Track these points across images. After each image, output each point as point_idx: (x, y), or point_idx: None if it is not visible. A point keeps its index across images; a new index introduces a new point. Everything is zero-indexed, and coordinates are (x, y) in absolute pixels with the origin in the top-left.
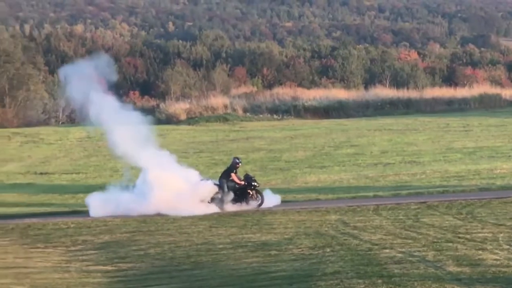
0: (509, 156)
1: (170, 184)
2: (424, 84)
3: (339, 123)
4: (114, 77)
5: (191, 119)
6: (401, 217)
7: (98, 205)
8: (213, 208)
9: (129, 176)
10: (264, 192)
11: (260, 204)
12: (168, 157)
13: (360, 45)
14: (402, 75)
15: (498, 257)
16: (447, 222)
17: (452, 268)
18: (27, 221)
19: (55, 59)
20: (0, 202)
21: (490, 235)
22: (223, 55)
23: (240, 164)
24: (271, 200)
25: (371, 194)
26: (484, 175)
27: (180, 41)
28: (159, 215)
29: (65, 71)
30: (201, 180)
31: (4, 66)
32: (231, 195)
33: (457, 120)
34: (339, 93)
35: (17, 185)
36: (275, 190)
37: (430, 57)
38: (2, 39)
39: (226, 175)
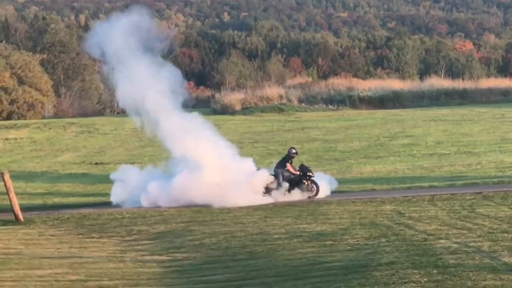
0: None
1: (223, 173)
2: (479, 75)
3: (394, 113)
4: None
5: (246, 109)
6: (456, 208)
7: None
8: (269, 198)
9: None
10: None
11: (315, 195)
12: (224, 147)
13: (415, 36)
14: (457, 65)
15: None
16: (502, 212)
17: (508, 259)
18: (83, 211)
19: None
20: (55, 192)
21: None
22: (278, 45)
23: (296, 154)
24: (325, 183)
25: (426, 184)
26: None
27: (235, 32)
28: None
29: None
30: (257, 170)
31: (60, 57)
32: (286, 185)
33: None
34: (394, 84)
35: (72, 175)
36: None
37: (485, 48)
38: (58, 30)
39: (281, 165)
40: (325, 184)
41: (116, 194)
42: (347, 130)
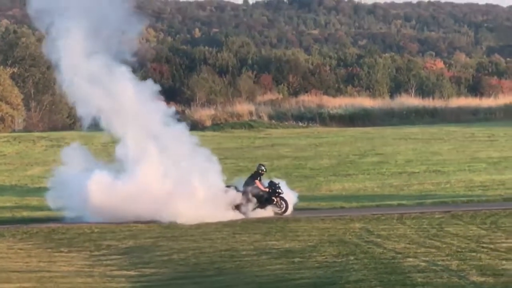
0: None
1: (193, 191)
2: (449, 94)
3: (364, 131)
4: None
5: (216, 126)
6: (425, 226)
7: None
8: (237, 215)
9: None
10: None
11: (284, 211)
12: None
13: (386, 54)
14: (428, 84)
15: None
16: (471, 231)
17: (476, 278)
18: (51, 225)
19: None
20: (24, 205)
21: None
22: (249, 62)
23: (264, 171)
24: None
25: (395, 202)
26: (508, 185)
27: (206, 48)
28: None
29: None
30: (226, 187)
31: (30, 70)
32: (254, 202)
33: (483, 130)
34: (364, 102)
35: (42, 189)
36: (300, 198)
37: (456, 67)
38: (29, 43)
39: (250, 181)
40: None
41: (53, 200)
42: (317, 147)
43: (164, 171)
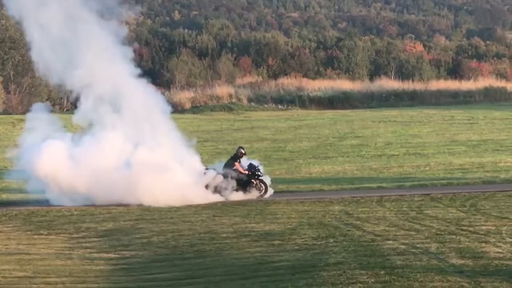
0: None
1: (173, 173)
2: (429, 76)
3: (344, 114)
4: None
5: (196, 108)
6: (405, 209)
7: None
8: (217, 197)
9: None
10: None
11: (263, 194)
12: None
13: (366, 37)
14: (408, 67)
15: (501, 250)
16: (450, 214)
17: (455, 261)
18: (31, 207)
19: None
20: (3, 188)
21: (493, 228)
22: (229, 44)
23: (244, 153)
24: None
25: (374, 185)
26: (488, 168)
27: (186, 30)
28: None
29: None
30: (205, 169)
31: (10, 53)
32: (234, 184)
33: (462, 113)
34: (344, 84)
35: (21, 172)
36: (279, 180)
37: (435, 50)
38: (8, 26)
39: (230, 164)
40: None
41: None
42: (296, 130)
43: (130, 151)
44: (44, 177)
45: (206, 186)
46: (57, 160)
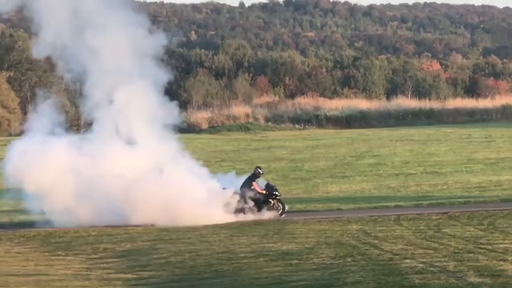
0: None
1: (191, 192)
2: (446, 95)
3: (361, 133)
4: None
5: (213, 128)
6: (423, 228)
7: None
8: (234, 217)
9: None
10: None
11: (281, 214)
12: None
13: (382, 56)
14: (424, 85)
15: None
16: (468, 232)
17: (473, 279)
18: (49, 228)
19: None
20: (21, 209)
21: (511, 246)
22: (245, 64)
23: (261, 173)
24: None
25: (392, 204)
26: (506, 186)
27: (203, 50)
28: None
29: None
30: (223, 188)
31: (27, 74)
32: (251, 204)
33: (479, 131)
34: (361, 103)
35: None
36: (297, 200)
37: (452, 68)
38: (25, 47)
39: (247, 184)
40: None
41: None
42: (314, 149)
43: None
44: (36, 191)
45: (225, 206)
46: (54, 171)
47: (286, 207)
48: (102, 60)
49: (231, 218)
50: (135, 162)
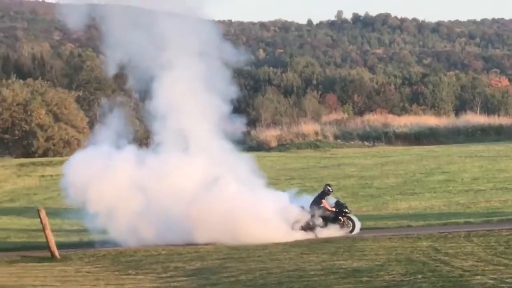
0: None
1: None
2: None
3: (430, 149)
4: None
5: (282, 146)
6: (493, 244)
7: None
8: (304, 235)
9: None
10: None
11: (351, 231)
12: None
13: (451, 72)
14: (493, 101)
15: None
16: None
17: None
18: (119, 248)
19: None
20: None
21: None
22: (314, 82)
23: (331, 191)
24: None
25: (462, 220)
26: None
27: (271, 68)
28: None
29: None
30: (299, 207)
31: (95, 93)
32: (320, 222)
33: None
34: (429, 120)
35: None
36: (366, 217)
37: None
38: (93, 66)
39: (317, 201)
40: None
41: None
42: (383, 166)
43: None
44: (97, 208)
45: (294, 223)
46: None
47: (359, 224)
48: (172, 79)
49: (300, 235)
50: (200, 177)
